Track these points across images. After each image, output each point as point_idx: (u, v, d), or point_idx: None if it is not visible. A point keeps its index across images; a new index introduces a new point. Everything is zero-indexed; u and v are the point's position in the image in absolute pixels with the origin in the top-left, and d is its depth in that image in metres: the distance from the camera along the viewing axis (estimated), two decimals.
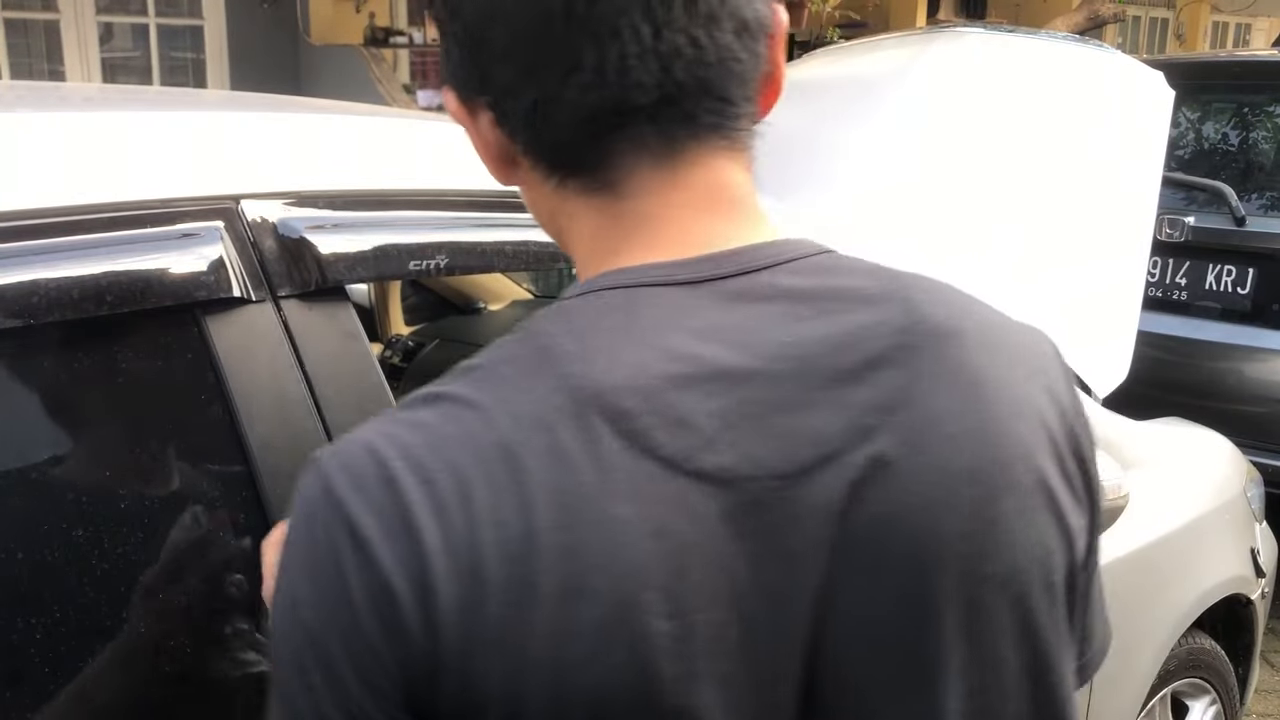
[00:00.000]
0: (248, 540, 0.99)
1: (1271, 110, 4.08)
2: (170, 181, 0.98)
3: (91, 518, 0.91)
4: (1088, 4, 9.26)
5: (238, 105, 1.46)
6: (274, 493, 0.97)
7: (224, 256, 0.97)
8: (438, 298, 3.18)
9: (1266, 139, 4.06)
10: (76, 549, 0.91)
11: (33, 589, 0.89)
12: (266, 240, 1.01)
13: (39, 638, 0.88)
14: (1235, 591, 2.21)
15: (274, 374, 0.99)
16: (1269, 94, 4.09)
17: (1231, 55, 5.93)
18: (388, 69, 8.64)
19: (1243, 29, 17.93)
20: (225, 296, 0.97)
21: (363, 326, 3.19)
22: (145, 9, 8.27)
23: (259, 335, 0.99)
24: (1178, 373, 3.50)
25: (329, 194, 1.09)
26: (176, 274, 0.95)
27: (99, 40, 8.00)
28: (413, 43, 8.83)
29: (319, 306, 1.04)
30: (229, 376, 0.96)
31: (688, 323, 0.61)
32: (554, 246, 0.71)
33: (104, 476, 0.93)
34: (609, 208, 0.64)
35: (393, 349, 3.01)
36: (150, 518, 0.95)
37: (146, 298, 0.93)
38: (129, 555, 0.93)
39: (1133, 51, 13.98)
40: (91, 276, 0.90)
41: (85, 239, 0.91)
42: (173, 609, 0.95)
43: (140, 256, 0.93)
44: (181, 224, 0.96)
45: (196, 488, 0.98)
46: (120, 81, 8.15)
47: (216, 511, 0.98)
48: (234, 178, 1.03)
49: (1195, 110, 4.14)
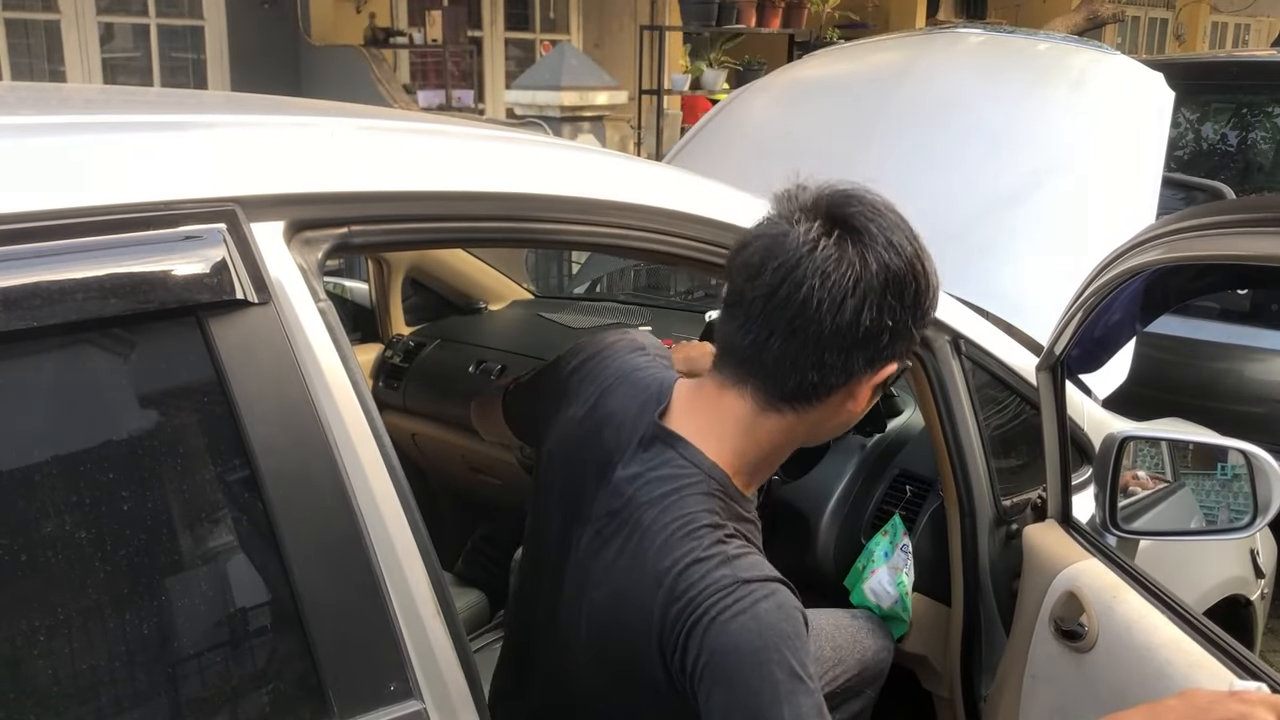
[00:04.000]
0: (250, 542, 0.99)
1: (1271, 110, 4.08)
2: (173, 184, 0.98)
3: (93, 519, 0.92)
4: (1087, 4, 9.26)
5: (239, 107, 1.46)
6: (276, 494, 0.97)
7: (226, 259, 0.97)
8: (438, 298, 3.18)
9: (1266, 139, 4.06)
10: (79, 549, 0.91)
11: (34, 589, 0.89)
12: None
13: (40, 639, 0.89)
14: (1235, 592, 2.21)
15: (277, 376, 0.99)
16: (1268, 94, 4.09)
17: (1231, 55, 5.92)
18: (388, 69, 8.63)
19: (1242, 29, 17.92)
20: (228, 299, 0.97)
21: (364, 326, 3.17)
22: (145, 9, 8.26)
23: (262, 338, 0.99)
24: (1178, 373, 3.50)
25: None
26: (179, 276, 0.95)
27: (99, 40, 7.99)
28: (413, 43, 8.81)
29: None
30: (232, 379, 0.96)
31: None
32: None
33: (106, 479, 0.93)
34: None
35: (394, 349, 3.01)
36: (152, 519, 0.95)
37: (149, 300, 0.93)
38: (132, 556, 0.93)
39: (1132, 52, 13.95)
40: (95, 279, 0.90)
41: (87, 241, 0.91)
42: (174, 610, 0.95)
43: (143, 259, 0.93)
44: (184, 226, 0.97)
45: (199, 490, 0.98)
46: (121, 82, 8.15)
47: (218, 513, 0.99)
48: (236, 180, 1.03)
49: (1195, 110, 4.14)
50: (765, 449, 1.23)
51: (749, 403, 1.20)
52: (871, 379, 1.19)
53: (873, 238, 1.13)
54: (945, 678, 1.90)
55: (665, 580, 1.13)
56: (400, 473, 1.07)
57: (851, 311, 1.12)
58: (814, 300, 1.12)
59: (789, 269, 1.13)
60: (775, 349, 1.16)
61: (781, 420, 1.21)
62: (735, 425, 1.21)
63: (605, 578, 1.21)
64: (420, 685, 1.04)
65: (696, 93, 9.11)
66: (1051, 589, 1.61)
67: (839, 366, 1.16)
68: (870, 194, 1.18)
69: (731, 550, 1.15)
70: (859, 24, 11.21)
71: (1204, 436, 1.90)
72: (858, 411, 1.22)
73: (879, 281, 1.13)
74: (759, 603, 1.10)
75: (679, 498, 1.18)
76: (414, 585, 1.05)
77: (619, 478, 1.24)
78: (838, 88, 3.07)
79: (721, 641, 1.09)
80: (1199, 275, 1.50)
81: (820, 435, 1.27)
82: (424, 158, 1.23)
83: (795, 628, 1.11)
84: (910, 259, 1.15)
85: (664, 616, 1.12)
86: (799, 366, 1.16)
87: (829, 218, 1.15)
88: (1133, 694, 1.41)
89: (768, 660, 1.07)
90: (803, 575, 2.04)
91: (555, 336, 2.80)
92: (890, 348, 1.17)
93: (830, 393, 1.18)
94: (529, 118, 6.94)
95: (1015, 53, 2.92)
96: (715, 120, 3.19)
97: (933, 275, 1.18)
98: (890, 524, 1.92)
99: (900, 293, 1.14)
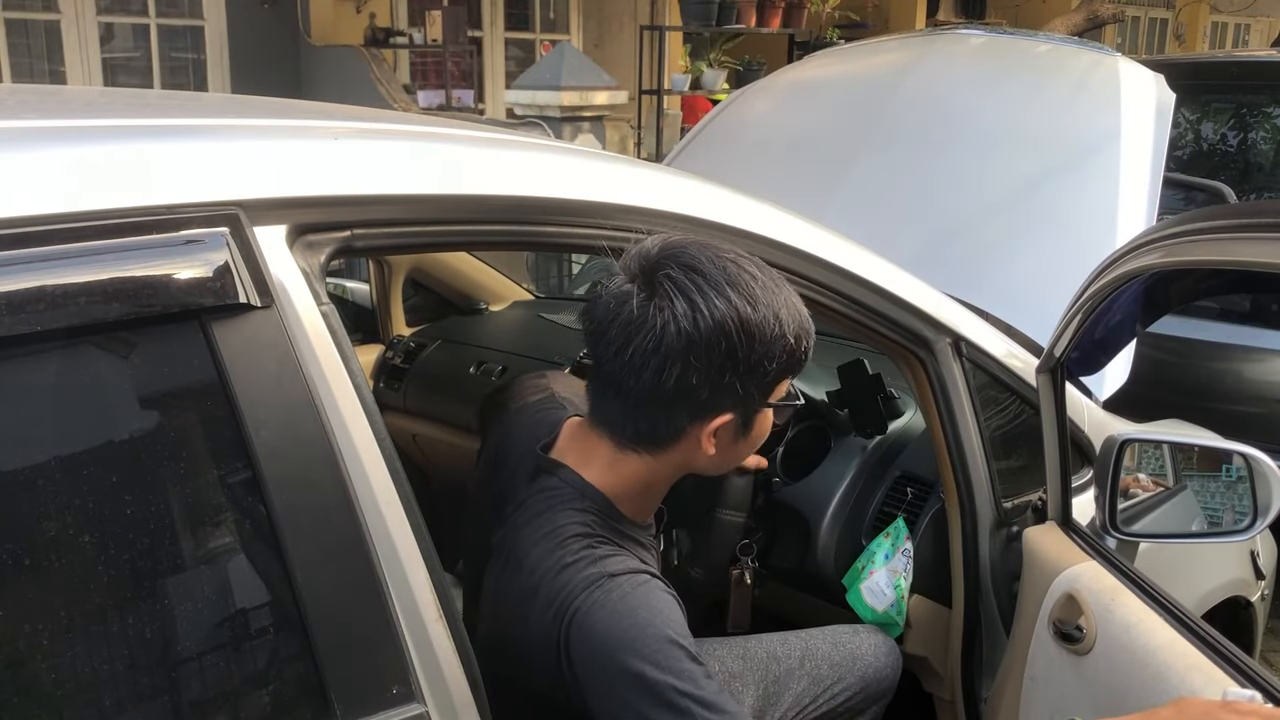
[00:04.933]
0: (253, 544, 1.00)
1: (1271, 110, 4.08)
2: (175, 188, 0.99)
3: (98, 522, 0.92)
4: (1087, 4, 9.26)
5: (241, 110, 1.46)
6: (279, 497, 0.98)
7: (229, 263, 0.97)
8: (439, 298, 3.18)
9: (1266, 139, 4.06)
10: (83, 552, 0.91)
11: (39, 591, 0.89)
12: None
13: (45, 640, 0.89)
14: (1235, 594, 2.21)
15: (279, 380, 1.00)
16: (1268, 94, 4.08)
17: (1231, 55, 5.92)
18: (388, 69, 8.63)
19: (1242, 29, 17.91)
20: (231, 303, 0.97)
21: (365, 327, 3.17)
22: (146, 9, 8.26)
23: (264, 341, 0.99)
24: (1178, 373, 3.50)
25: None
26: (182, 280, 0.95)
27: (100, 40, 7.99)
28: (413, 43, 8.81)
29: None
30: (234, 382, 0.96)
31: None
32: None
33: (110, 482, 0.93)
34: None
35: (394, 349, 3.02)
36: (155, 522, 0.95)
37: (152, 304, 0.93)
38: (135, 559, 0.93)
39: (1132, 52, 13.96)
40: (98, 283, 0.90)
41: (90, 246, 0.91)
42: (178, 613, 0.96)
43: (146, 263, 0.93)
44: (186, 230, 0.97)
45: (202, 493, 0.98)
46: (121, 82, 8.15)
47: (221, 516, 0.99)
48: (239, 184, 1.03)
49: (1195, 110, 4.13)
50: (634, 484, 1.27)
51: (608, 443, 1.25)
52: (704, 428, 1.21)
53: (673, 300, 1.14)
54: (946, 679, 1.90)
55: (540, 590, 1.16)
56: (402, 475, 1.07)
57: (652, 372, 1.15)
58: (623, 361, 1.16)
59: (603, 328, 1.17)
60: (610, 402, 1.22)
61: (639, 462, 1.25)
62: (602, 460, 1.26)
63: (495, 602, 1.25)
64: (422, 688, 1.04)
65: (696, 93, 9.11)
66: (1051, 591, 1.61)
67: (664, 419, 1.20)
68: (700, 249, 1.18)
69: (600, 554, 1.18)
70: (859, 24, 11.21)
71: (1204, 439, 1.90)
72: (714, 453, 1.24)
73: (680, 344, 1.14)
74: (624, 589, 1.13)
75: (551, 514, 1.22)
76: (416, 587, 1.05)
77: (507, 511, 1.29)
78: (839, 89, 3.08)
79: (590, 631, 1.11)
80: (1200, 279, 1.50)
81: (696, 469, 1.30)
82: (426, 161, 1.24)
83: (663, 604, 1.14)
84: (720, 320, 1.14)
85: (542, 624, 1.15)
86: (631, 418, 1.21)
87: (644, 278, 1.16)
88: (1130, 696, 1.41)
89: (641, 636, 1.09)
90: (803, 577, 2.05)
91: (556, 337, 2.80)
92: (714, 401, 1.19)
93: (671, 441, 1.22)
94: (529, 118, 6.94)
95: (1016, 54, 2.92)
96: (716, 121, 3.19)
97: (761, 329, 1.16)
98: (893, 526, 1.92)
99: (708, 354, 1.14)
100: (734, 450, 1.28)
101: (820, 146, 2.78)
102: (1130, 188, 2.35)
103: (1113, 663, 1.47)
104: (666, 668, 1.08)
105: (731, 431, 1.24)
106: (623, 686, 1.09)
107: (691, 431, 1.21)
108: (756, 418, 1.25)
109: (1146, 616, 1.46)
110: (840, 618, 1.94)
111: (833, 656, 1.79)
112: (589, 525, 1.22)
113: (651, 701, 1.07)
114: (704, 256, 1.17)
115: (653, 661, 1.08)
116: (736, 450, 1.29)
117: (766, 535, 2.02)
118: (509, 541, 1.25)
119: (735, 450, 1.28)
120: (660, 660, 1.08)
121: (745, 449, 1.30)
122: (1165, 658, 1.39)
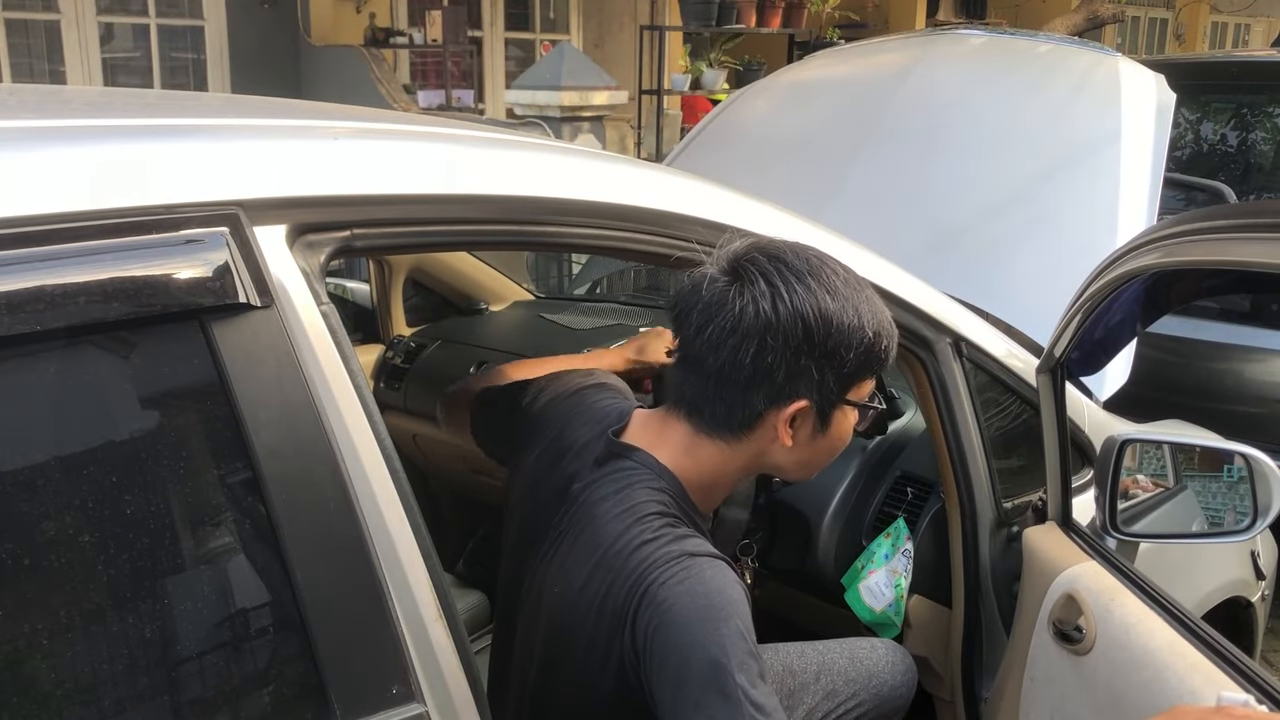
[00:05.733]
0: (253, 544, 1.00)
1: (1271, 110, 4.08)
2: (175, 188, 0.99)
3: (97, 521, 0.92)
4: (1087, 4, 9.26)
5: (241, 110, 1.46)
6: (278, 497, 0.98)
7: (229, 262, 0.97)
8: (439, 298, 3.18)
9: (1266, 139, 4.06)
10: (83, 552, 0.91)
11: (38, 591, 0.89)
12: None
13: (45, 640, 0.89)
14: (1235, 594, 2.21)
15: (279, 380, 1.00)
16: (1268, 94, 4.08)
17: (1231, 55, 5.92)
18: (388, 69, 8.63)
19: (1242, 29, 17.92)
20: (231, 303, 0.97)
21: (365, 327, 3.17)
22: (146, 9, 8.26)
23: (264, 341, 0.99)
24: (1178, 373, 3.50)
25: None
26: (182, 280, 0.95)
27: (100, 41, 8.00)
28: (413, 43, 8.81)
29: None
30: (234, 382, 0.96)
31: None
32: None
33: (110, 482, 0.93)
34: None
35: (395, 349, 3.02)
36: (155, 522, 0.95)
37: (152, 304, 0.93)
38: (135, 559, 0.93)
39: (1132, 52, 13.95)
40: (98, 283, 0.90)
41: (90, 245, 0.91)
42: (178, 613, 0.96)
43: (146, 263, 0.93)
44: (186, 230, 0.97)
45: (201, 492, 0.98)
46: (121, 82, 8.15)
47: (221, 515, 0.99)
48: (238, 184, 1.03)
49: (1195, 110, 4.14)
50: (707, 471, 1.28)
51: (685, 426, 1.27)
52: (780, 414, 1.23)
53: (754, 284, 1.18)
54: (946, 679, 1.90)
55: (615, 563, 1.17)
56: (402, 475, 1.07)
57: (730, 350, 1.19)
58: (703, 339, 1.20)
59: (687, 310, 1.22)
60: (691, 383, 1.24)
61: (715, 448, 1.27)
62: (679, 444, 1.28)
63: (560, 575, 1.25)
64: (422, 688, 1.04)
65: (696, 93, 9.11)
66: (1051, 591, 1.61)
67: (740, 402, 1.22)
68: (788, 245, 1.23)
69: (680, 532, 1.19)
70: (859, 24, 11.21)
71: (1204, 439, 1.90)
72: (790, 445, 1.25)
73: (758, 325, 1.17)
74: (705, 570, 1.14)
75: (629, 491, 1.23)
76: (416, 587, 1.05)
77: (574, 490, 1.29)
78: (839, 90, 3.08)
79: (667, 604, 1.11)
80: (1200, 279, 1.50)
81: (772, 465, 1.31)
82: (426, 161, 1.24)
83: (740, 596, 1.14)
84: (800, 305, 1.18)
85: (616, 597, 1.16)
86: (709, 399, 1.24)
87: (730, 267, 1.21)
88: (1129, 697, 1.41)
89: (716, 619, 1.10)
90: (803, 577, 2.05)
91: (556, 337, 2.80)
92: (790, 386, 1.21)
93: (746, 427, 1.24)
94: (529, 118, 6.94)
95: (1016, 55, 2.92)
96: (716, 121, 3.19)
97: (839, 318, 1.20)
98: (893, 526, 1.92)
99: (785, 335, 1.18)
100: (812, 448, 1.28)
101: (820, 146, 2.79)
102: (1130, 188, 2.35)
103: (1112, 663, 1.47)
104: (731, 655, 1.08)
105: (809, 426, 1.26)
106: (682, 661, 1.09)
107: (768, 418, 1.23)
108: (835, 414, 1.26)
109: (1146, 617, 1.46)
110: (840, 618, 1.94)
111: (849, 672, 1.79)
112: (665, 505, 1.22)
113: (708, 684, 1.07)
114: (789, 250, 1.23)
115: (719, 646, 1.08)
116: (815, 448, 1.29)
117: (767, 535, 2.02)
118: (580, 520, 1.25)
119: (813, 448, 1.28)
120: (727, 646, 1.08)
121: (824, 450, 1.30)
122: (1165, 658, 1.39)
